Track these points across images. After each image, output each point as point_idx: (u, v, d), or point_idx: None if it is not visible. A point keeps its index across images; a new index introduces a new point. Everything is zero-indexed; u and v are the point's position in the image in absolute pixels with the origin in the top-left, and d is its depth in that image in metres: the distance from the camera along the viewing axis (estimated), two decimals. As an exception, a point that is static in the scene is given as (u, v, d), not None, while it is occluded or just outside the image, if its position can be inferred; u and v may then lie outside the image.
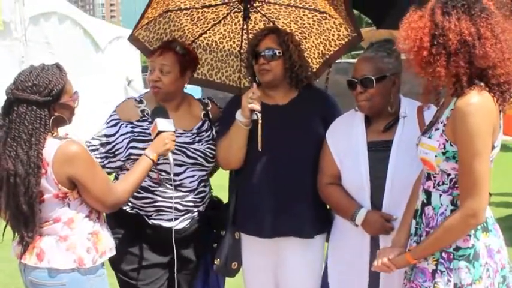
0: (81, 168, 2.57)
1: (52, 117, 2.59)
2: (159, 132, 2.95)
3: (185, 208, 3.15)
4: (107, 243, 2.74)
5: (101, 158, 3.11)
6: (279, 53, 3.13)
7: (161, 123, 2.96)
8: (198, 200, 3.20)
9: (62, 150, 2.55)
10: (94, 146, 3.12)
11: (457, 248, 2.38)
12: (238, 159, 3.18)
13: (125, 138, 3.11)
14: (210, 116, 3.32)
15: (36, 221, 2.58)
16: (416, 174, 2.68)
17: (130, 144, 3.09)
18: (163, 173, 3.07)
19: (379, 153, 2.91)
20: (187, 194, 3.14)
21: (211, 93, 4.47)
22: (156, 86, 3.14)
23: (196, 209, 3.20)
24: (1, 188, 2.59)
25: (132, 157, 3.08)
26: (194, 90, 11.38)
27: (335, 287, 3.13)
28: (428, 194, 2.49)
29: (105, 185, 2.67)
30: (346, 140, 3.00)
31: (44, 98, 2.55)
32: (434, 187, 2.46)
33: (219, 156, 3.21)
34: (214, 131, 3.29)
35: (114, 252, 2.79)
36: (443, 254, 2.41)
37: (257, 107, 3.08)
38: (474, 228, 2.37)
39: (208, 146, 3.21)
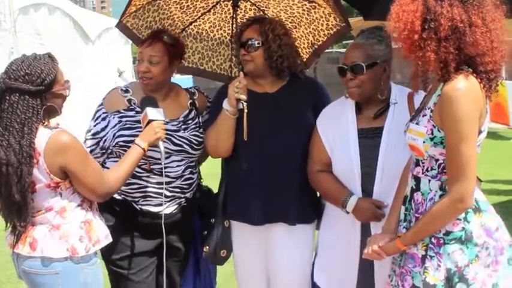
0: (73, 158, 2.57)
1: (44, 107, 2.59)
2: (149, 122, 2.95)
3: (172, 194, 3.16)
4: (101, 232, 2.75)
5: (101, 156, 3.13)
6: (258, 43, 3.13)
7: (151, 113, 2.97)
8: (185, 186, 3.20)
9: (54, 140, 2.55)
10: (90, 147, 3.12)
11: (447, 233, 2.39)
12: (227, 147, 3.19)
13: (113, 131, 3.11)
14: (197, 105, 3.32)
15: (29, 210, 2.59)
16: (407, 161, 2.68)
17: (118, 133, 3.09)
18: (151, 159, 3.07)
19: (369, 140, 2.92)
20: (173, 179, 3.15)
21: (203, 84, 4.46)
22: (145, 77, 3.14)
23: (183, 195, 3.21)
24: None
25: (119, 143, 3.08)
26: (186, 81, 11.38)
27: (326, 274, 3.15)
28: (417, 180, 2.50)
29: (97, 174, 2.67)
30: (336, 127, 3.01)
31: (36, 87, 2.56)
32: (423, 173, 2.47)
33: (208, 145, 3.22)
34: (200, 119, 3.29)
35: (110, 240, 2.80)
36: (433, 240, 2.41)
37: (243, 96, 3.09)
38: (462, 212, 2.38)
39: (194, 133, 3.21)
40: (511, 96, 11.78)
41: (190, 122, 3.24)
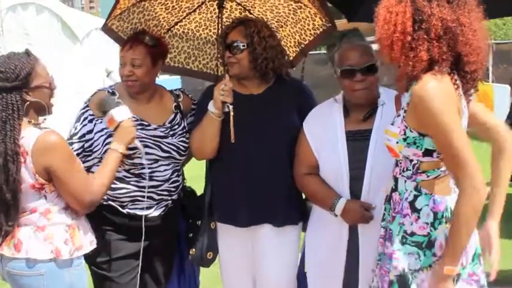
0: (59, 159, 2.54)
1: (27, 103, 2.58)
2: (119, 124, 2.85)
3: (160, 197, 3.17)
4: (85, 238, 2.72)
5: (84, 158, 3.08)
6: (243, 46, 3.12)
7: (118, 114, 2.85)
8: (172, 189, 3.21)
9: (42, 139, 2.53)
10: (77, 150, 3.06)
11: (412, 234, 2.38)
12: (211, 149, 3.18)
13: (101, 135, 3.08)
14: (182, 108, 3.31)
15: (19, 209, 2.57)
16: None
17: (108, 140, 3.05)
18: (139, 165, 3.06)
19: (357, 143, 2.91)
20: (161, 183, 3.15)
21: (191, 85, 4.46)
22: (129, 80, 3.13)
23: (170, 198, 3.22)
24: None
25: None
26: (174, 81, 11.35)
27: (312, 276, 3.14)
28: (395, 180, 2.49)
29: (82, 180, 2.63)
30: (324, 130, 3.00)
31: (12, 83, 2.54)
32: (400, 173, 2.46)
33: (193, 147, 3.21)
34: (185, 123, 3.29)
35: (94, 246, 2.77)
36: (399, 238, 2.41)
37: (229, 99, 3.09)
38: (482, 203, 2.25)
39: (181, 139, 3.21)
40: (497, 99, 11.85)
41: (176, 127, 3.23)
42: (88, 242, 2.73)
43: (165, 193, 3.18)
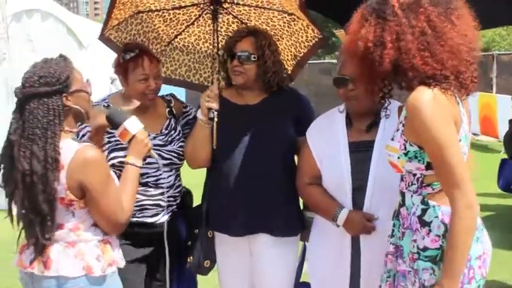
0: (96, 178, 2.45)
1: (66, 108, 2.48)
2: (133, 136, 2.72)
3: (167, 203, 3.20)
4: (117, 253, 2.63)
5: None
6: (254, 57, 3.14)
7: (131, 126, 2.70)
8: (177, 194, 3.26)
9: (80, 154, 2.43)
10: None
11: (424, 248, 2.32)
12: (204, 157, 3.21)
13: (103, 151, 3.05)
14: (174, 112, 3.35)
15: (55, 220, 2.45)
16: (398, 175, 2.60)
17: (111, 155, 3.06)
18: (146, 174, 3.10)
19: (360, 154, 2.91)
20: (167, 190, 3.19)
21: (195, 94, 4.47)
22: (153, 93, 3.18)
23: (175, 203, 3.26)
24: (13, 192, 2.47)
25: (116, 164, 3.03)
26: (178, 90, 11.35)
27: (315, 287, 3.15)
28: (402, 195, 2.45)
29: (116, 201, 2.52)
30: (326, 141, 3.00)
31: (53, 87, 2.44)
32: (406, 188, 2.42)
33: (186, 155, 3.24)
34: (179, 127, 3.32)
35: (124, 262, 2.67)
36: (410, 255, 2.37)
37: (214, 105, 3.11)
38: (475, 219, 2.23)
39: (179, 144, 3.24)
40: (500, 109, 11.83)
41: (173, 132, 3.27)
42: (119, 257, 2.63)
43: (171, 199, 3.22)
